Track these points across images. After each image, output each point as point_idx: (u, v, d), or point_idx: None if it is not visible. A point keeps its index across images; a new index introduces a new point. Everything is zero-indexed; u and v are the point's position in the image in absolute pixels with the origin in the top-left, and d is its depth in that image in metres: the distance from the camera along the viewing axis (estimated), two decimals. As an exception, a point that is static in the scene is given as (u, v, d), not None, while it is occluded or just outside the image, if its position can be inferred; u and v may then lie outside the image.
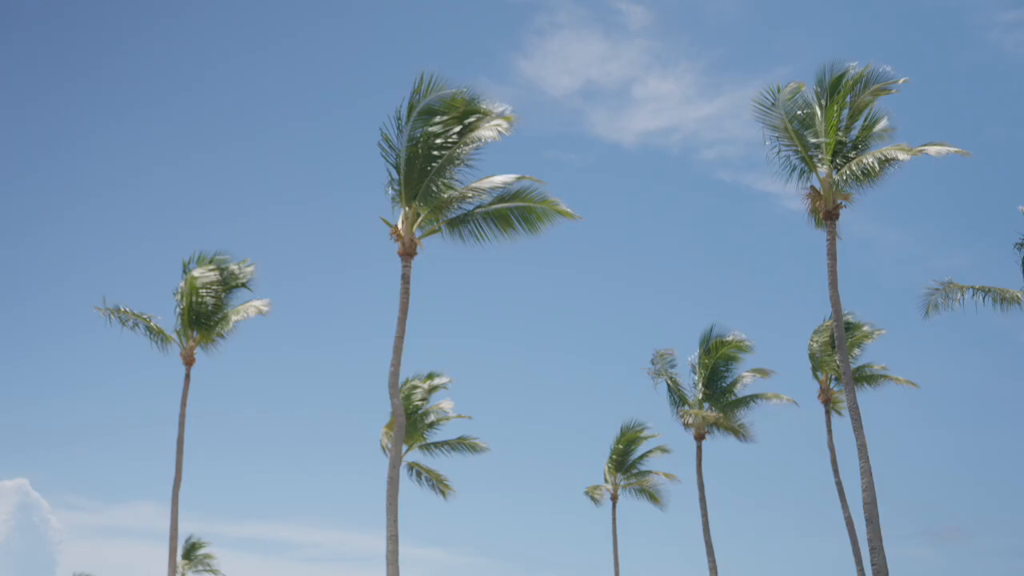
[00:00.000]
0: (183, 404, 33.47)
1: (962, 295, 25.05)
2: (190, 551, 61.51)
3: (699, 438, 37.16)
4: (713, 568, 35.84)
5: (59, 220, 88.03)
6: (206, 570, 62.21)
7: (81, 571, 72.94)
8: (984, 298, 25.00)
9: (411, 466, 35.63)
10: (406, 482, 36.21)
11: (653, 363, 38.23)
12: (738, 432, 37.45)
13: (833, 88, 24.89)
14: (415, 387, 34.57)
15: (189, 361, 33.86)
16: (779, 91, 25.58)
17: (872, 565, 21.87)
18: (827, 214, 24.63)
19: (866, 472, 22.27)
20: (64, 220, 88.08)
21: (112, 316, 32.99)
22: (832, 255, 24.46)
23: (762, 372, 37.37)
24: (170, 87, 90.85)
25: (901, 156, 23.68)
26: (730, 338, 37.16)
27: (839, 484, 32.50)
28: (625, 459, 44.29)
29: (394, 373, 27.04)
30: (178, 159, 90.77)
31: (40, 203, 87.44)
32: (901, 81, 24.41)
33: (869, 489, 22.09)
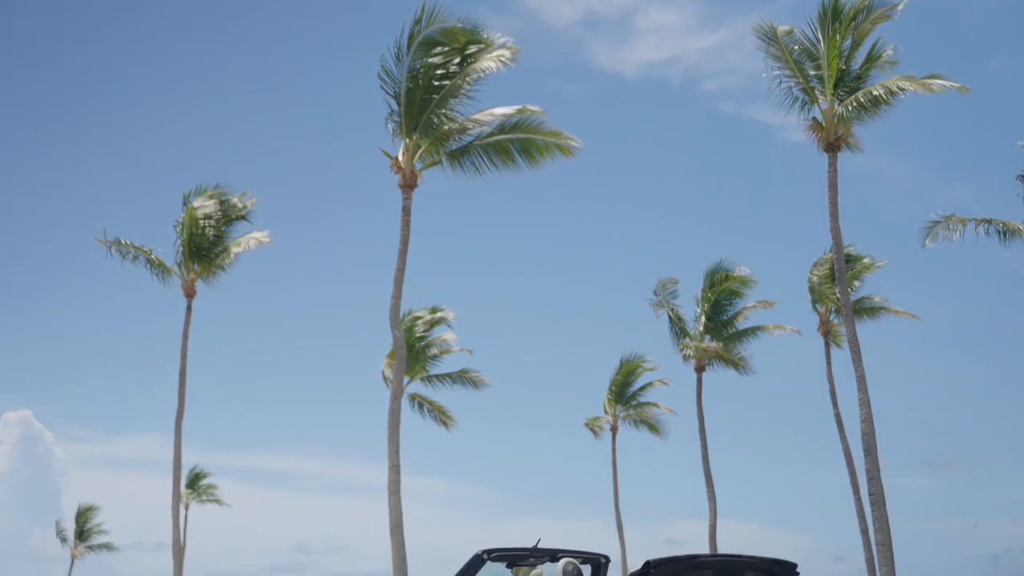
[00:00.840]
0: (184, 336, 33.68)
1: (964, 227, 24.99)
2: (194, 481, 62.19)
3: (699, 370, 37.35)
4: (712, 499, 36.20)
5: (61, 154, 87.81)
6: (210, 499, 62.95)
7: (86, 501, 73.94)
8: (986, 230, 24.94)
9: (413, 397, 35.86)
10: (408, 413, 36.45)
11: (655, 294, 38.30)
12: (738, 365, 37.61)
13: (835, 16, 24.66)
14: (417, 319, 34.67)
15: (190, 293, 33.97)
16: (775, 30, 25.47)
17: (870, 495, 22.10)
18: (828, 146, 24.54)
19: (865, 403, 22.42)
20: (66, 154, 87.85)
21: (112, 248, 33.04)
22: (833, 187, 24.40)
23: (765, 304, 37.46)
24: (170, 22, 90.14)
25: (909, 87, 23.50)
26: (736, 273, 37.19)
27: (838, 416, 32.70)
28: (625, 391, 44.56)
29: (395, 306, 27.12)
30: (179, 94, 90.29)
31: (42, 137, 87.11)
32: (900, 5, 24.17)
33: (867, 420, 22.25)
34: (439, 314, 35.45)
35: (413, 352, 33.87)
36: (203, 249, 33.70)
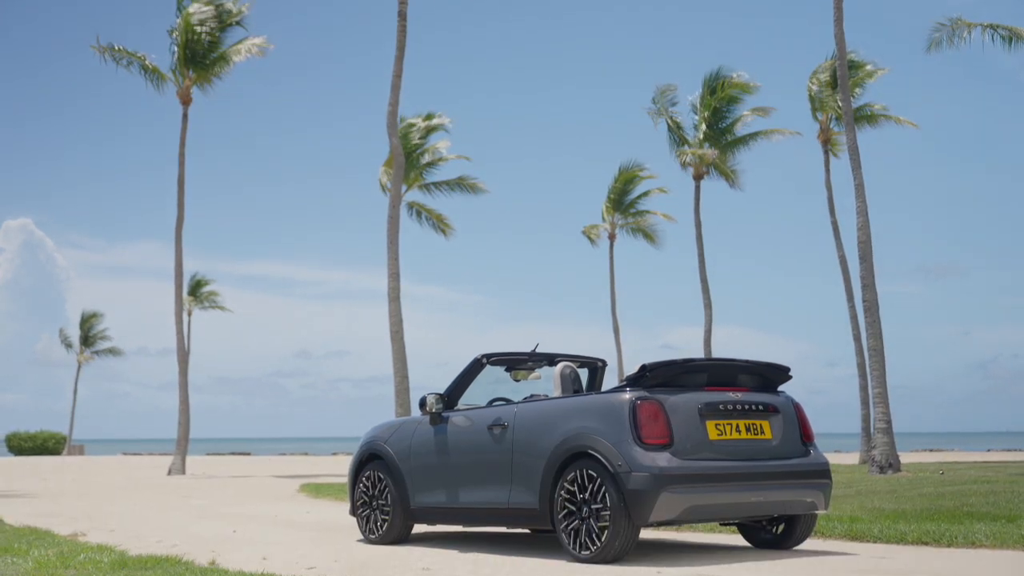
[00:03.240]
0: (182, 144, 33.57)
1: (969, 32, 24.50)
2: (195, 288, 62.92)
3: (698, 178, 37.31)
4: (708, 305, 36.73)
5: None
6: (212, 306, 63.85)
7: (89, 308, 74.92)
8: (992, 36, 24.45)
9: (411, 205, 35.89)
10: (406, 222, 36.51)
11: (654, 101, 37.90)
12: (731, 177, 37.57)
13: None
14: (412, 125, 34.37)
15: (186, 100, 33.65)
16: None
17: (864, 301, 22.38)
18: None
19: (862, 211, 22.47)
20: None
21: (106, 54, 32.58)
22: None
23: (763, 111, 37.14)
24: None
25: None
26: (735, 79, 36.70)
27: (834, 223, 32.83)
28: (623, 199, 44.62)
29: (392, 112, 26.87)
30: None
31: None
32: None
33: (864, 228, 22.34)
34: (435, 120, 35.11)
35: (410, 160, 33.72)
36: (199, 56, 33.22)
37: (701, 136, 37.34)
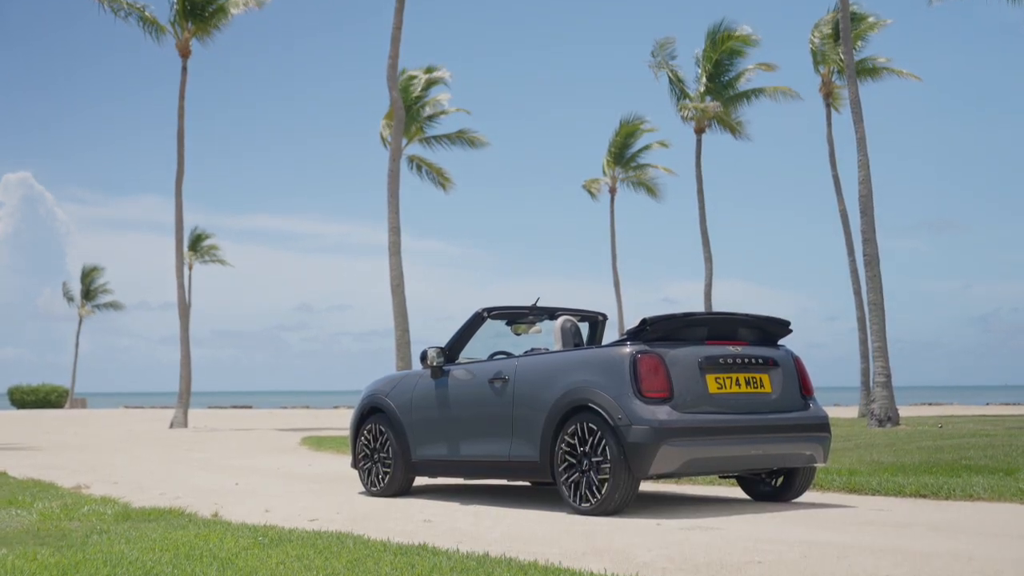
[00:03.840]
0: (181, 97, 33.40)
1: (974, -15, 24.31)
2: (196, 242, 62.83)
3: (699, 132, 37.14)
4: (708, 259, 36.70)
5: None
6: (213, 260, 63.78)
7: (90, 262, 74.94)
8: (996, -12, 24.26)
9: (411, 159, 35.78)
10: (407, 175, 36.41)
11: (653, 54, 37.62)
12: (736, 129, 37.37)
13: None
14: (413, 78, 34.17)
15: (185, 53, 33.44)
16: None
17: (864, 256, 22.36)
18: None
19: (863, 165, 22.39)
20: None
21: (105, 4, 32.33)
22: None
23: (767, 66, 36.86)
24: None
25: None
26: (738, 32, 36.43)
27: (836, 177, 32.72)
28: (624, 152, 44.46)
29: (392, 66, 26.72)
30: None
31: None
32: None
33: (865, 182, 22.28)
34: (436, 73, 34.90)
35: (411, 113, 33.56)
36: (197, 7, 32.99)
37: (702, 89, 37.13)
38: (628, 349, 7.67)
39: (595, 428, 7.60)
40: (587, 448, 7.65)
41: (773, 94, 36.59)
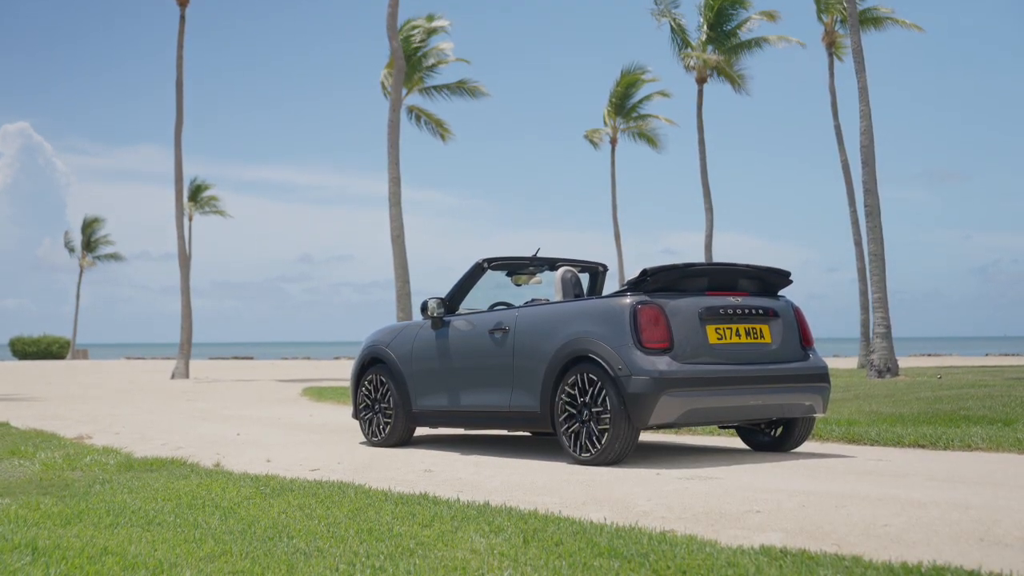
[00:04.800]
0: (180, 47, 33.19)
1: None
2: (196, 193, 62.70)
3: (700, 82, 36.92)
4: (709, 210, 36.63)
5: None
6: (212, 211, 63.67)
7: (91, 213, 74.82)
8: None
9: (411, 110, 35.60)
10: (407, 126, 36.26)
11: (656, 2, 37.32)
12: (736, 80, 37.14)
13: None
14: (414, 27, 33.90)
15: (183, 1, 33.19)
16: None
17: (865, 206, 22.33)
18: None
19: (865, 115, 22.29)
20: None
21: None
22: None
23: (769, 15, 36.55)
24: None
25: None
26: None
27: (837, 128, 32.58)
28: (625, 102, 44.23)
29: (392, 15, 26.54)
30: None
31: None
32: None
33: (867, 132, 22.19)
34: (436, 22, 34.61)
35: (411, 63, 33.34)
36: (192, -45, 32.69)
37: (704, 38, 36.87)
38: (628, 300, 7.67)
39: (595, 378, 7.61)
40: (587, 398, 7.67)
41: (776, 43, 36.33)
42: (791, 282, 8.48)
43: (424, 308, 9.36)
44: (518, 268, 9.75)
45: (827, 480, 6.59)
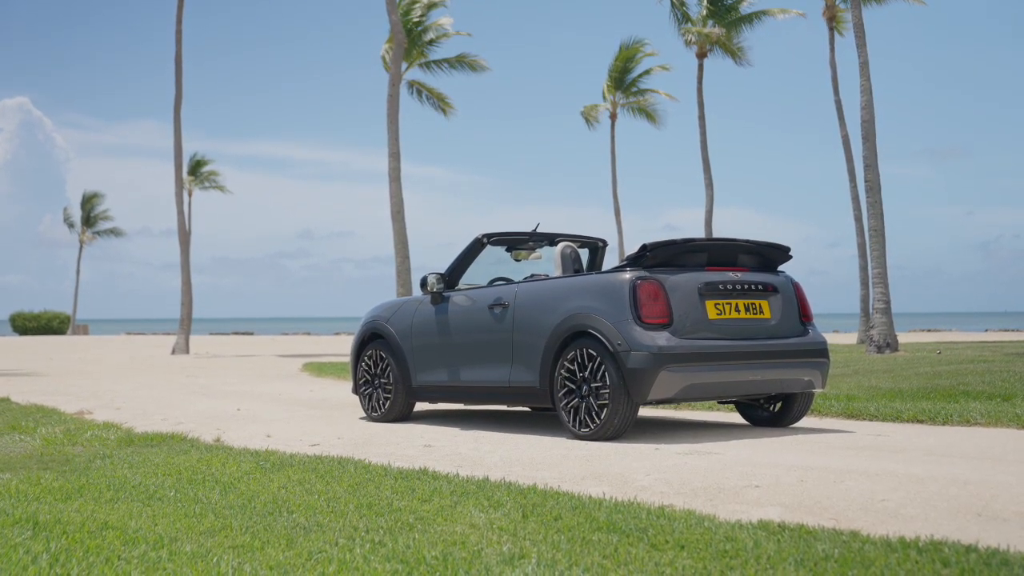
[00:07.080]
0: (178, 21, 33.06)
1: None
2: (195, 168, 62.63)
3: (701, 56, 36.81)
4: (709, 185, 36.58)
5: None
6: (212, 186, 63.61)
7: (91, 189, 74.73)
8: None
9: (411, 84, 35.49)
10: (407, 101, 36.19)
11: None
12: (737, 54, 37.01)
13: None
14: (414, 2, 33.77)
15: (180, -24, 33.02)
16: None
17: (865, 182, 22.28)
18: None
19: (866, 90, 22.22)
20: None
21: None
22: None
23: (769, -12, 36.44)
24: None
25: None
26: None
27: (838, 103, 32.49)
28: (624, 77, 44.09)
29: (391, -11, 26.40)
30: None
31: None
32: None
33: (868, 107, 22.12)
34: (436, -3, 34.46)
35: (411, 37, 33.22)
36: (190, -71, 32.50)
37: (704, 12, 36.73)
38: (628, 275, 7.67)
39: (595, 354, 7.62)
40: (586, 374, 7.68)
41: (776, 15, 36.18)
42: (791, 257, 8.47)
43: (424, 283, 9.35)
44: (518, 243, 9.74)
45: (825, 455, 6.61)
